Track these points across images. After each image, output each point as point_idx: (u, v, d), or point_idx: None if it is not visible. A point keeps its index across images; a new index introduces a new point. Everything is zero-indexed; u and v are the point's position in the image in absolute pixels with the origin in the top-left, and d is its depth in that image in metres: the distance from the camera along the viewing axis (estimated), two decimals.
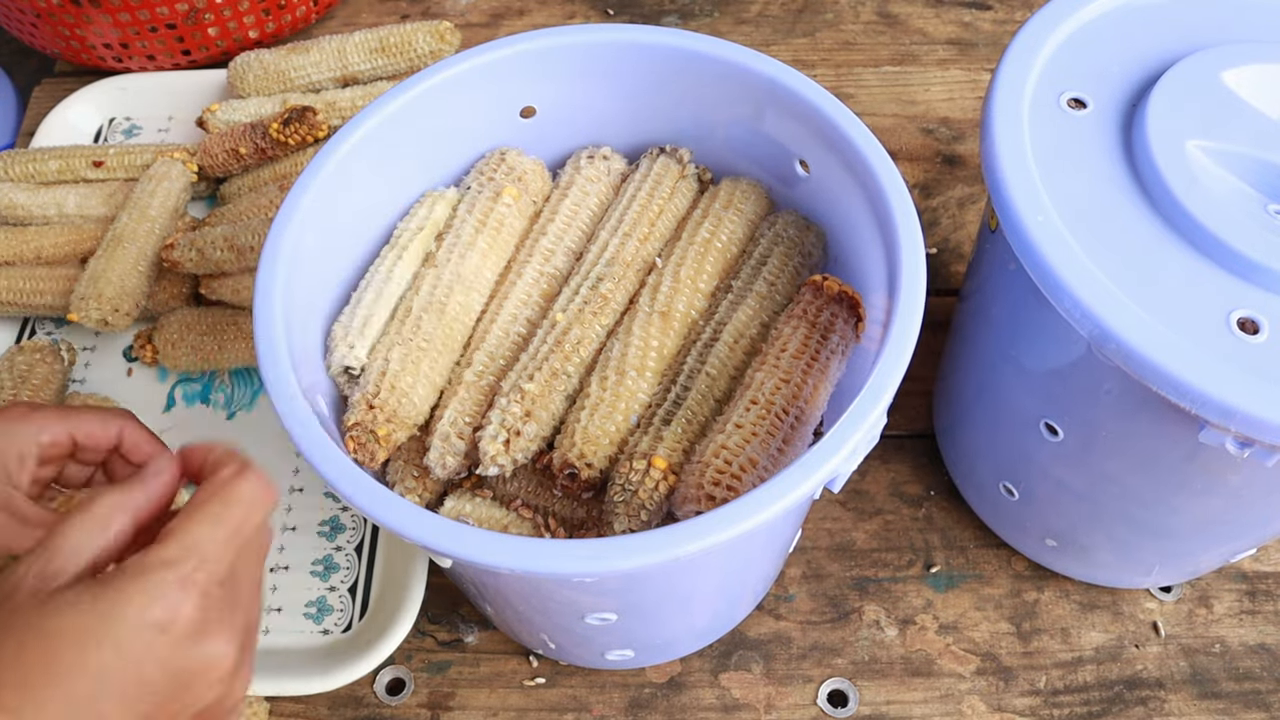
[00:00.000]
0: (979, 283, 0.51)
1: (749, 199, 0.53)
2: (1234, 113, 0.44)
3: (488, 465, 0.45)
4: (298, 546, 0.60)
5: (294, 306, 0.44)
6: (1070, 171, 0.43)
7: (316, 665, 0.54)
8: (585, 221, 0.54)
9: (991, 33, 0.86)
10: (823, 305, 0.47)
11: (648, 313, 0.49)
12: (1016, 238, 0.41)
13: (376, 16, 0.88)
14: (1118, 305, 0.38)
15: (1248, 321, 0.38)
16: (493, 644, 0.58)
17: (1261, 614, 0.58)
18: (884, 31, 0.86)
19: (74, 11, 0.75)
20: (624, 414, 0.46)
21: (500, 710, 0.56)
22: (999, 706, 0.55)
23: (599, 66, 0.52)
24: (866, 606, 0.58)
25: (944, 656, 0.57)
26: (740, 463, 0.42)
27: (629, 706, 0.55)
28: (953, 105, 0.81)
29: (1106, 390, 0.43)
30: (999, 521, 0.59)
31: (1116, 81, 0.46)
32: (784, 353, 0.46)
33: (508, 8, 0.89)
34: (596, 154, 0.55)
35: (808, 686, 0.56)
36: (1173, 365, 0.37)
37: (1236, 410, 0.36)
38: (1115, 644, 0.57)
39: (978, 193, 0.76)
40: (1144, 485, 0.47)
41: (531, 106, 0.54)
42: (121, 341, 0.69)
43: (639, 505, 0.43)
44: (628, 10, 0.89)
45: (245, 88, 0.75)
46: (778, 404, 0.44)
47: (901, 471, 0.63)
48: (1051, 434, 0.48)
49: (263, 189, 0.70)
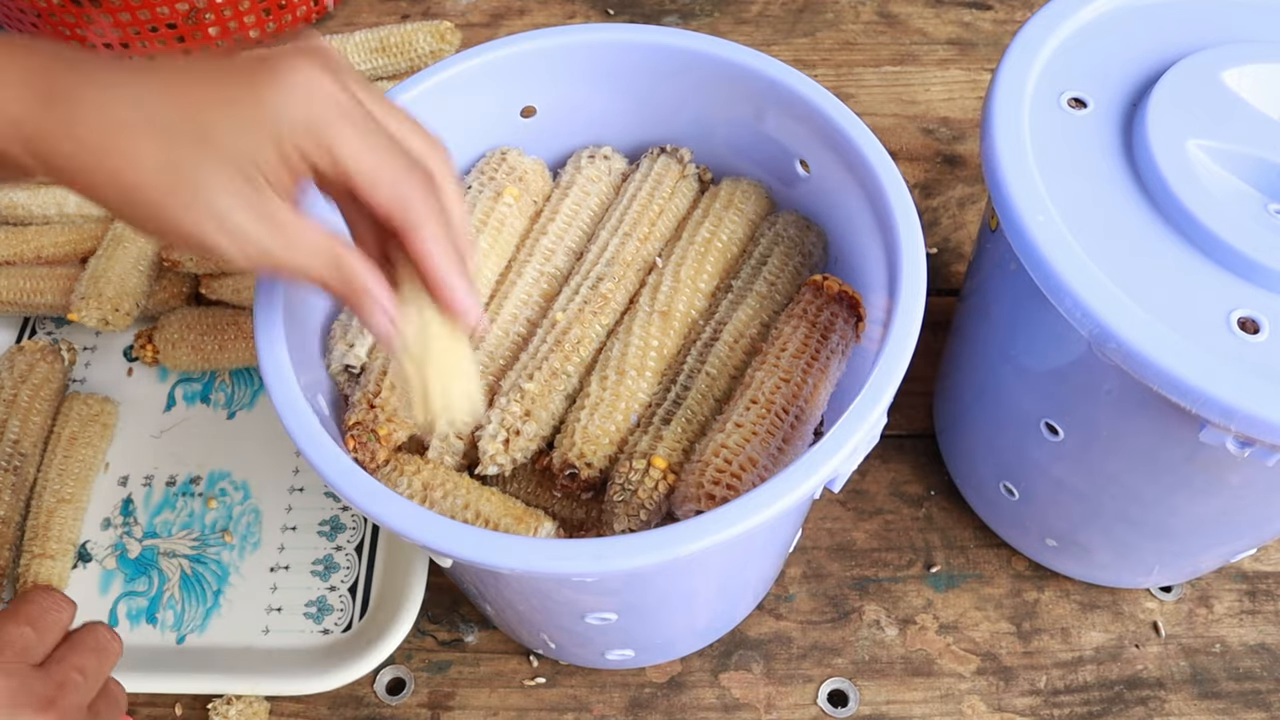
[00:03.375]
0: (979, 283, 0.51)
1: (749, 199, 0.53)
2: (1234, 112, 0.44)
3: (487, 465, 0.45)
4: (298, 546, 0.60)
5: (294, 306, 0.44)
6: (1070, 171, 0.43)
7: (316, 665, 0.54)
8: (586, 221, 0.54)
9: (991, 33, 0.86)
10: (823, 305, 0.47)
11: (648, 312, 0.49)
12: (1017, 238, 0.41)
13: (376, 16, 0.88)
14: (1118, 305, 0.38)
15: (1248, 321, 0.38)
16: (493, 644, 0.58)
17: (1261, 614, 0.58)
18: (884, 31, 0.86)
19: (74, 11, 0.75)
20: (624, 413, 0.46)
21: (500, 710, 0.56)
22: (999, 706, 0.55)
23: (599, 66, 0.52)
24: (867, 606, 0.58)
25: (944, 656, 0.57)
26: (740, 462, 0.42)
27: (629, 706, 0.55)
28: (953, 105, 0.81)
29: (1107, 390, 0.43)
30: (999, 521, 0.59)
31: (1117, 81, 0.46)
32: (784, 352, 0.46)
33: (508, 8, 0.89)
34: (597, 154, 0.55)
35: (808, 686, 0.56)
36: (1173, 365, 0.37)
37: (1237, 410, 0.36)
38: (1115, 644, 0.57)
39: (978, 193, 0.76)
40: (1144, 485, 0.47)
41: (532, 106, 0.54)
42: (121, 341, 0.69)
43: (639, 505, 0.43)
44: (628, 10, 0.89)
45: None
46: (778, 403, 0.44)
47: (902, 471, 0.63)
48: (1052, 434, 0.48)
49: None
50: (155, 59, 0.35)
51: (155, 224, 0.34)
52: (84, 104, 0.33)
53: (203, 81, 0.34)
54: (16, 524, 0.59)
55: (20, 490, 0.60)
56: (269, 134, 0.34)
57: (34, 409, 0.62)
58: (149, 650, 0.57)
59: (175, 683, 0.54)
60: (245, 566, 0.60)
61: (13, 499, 0.59)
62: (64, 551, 0.58)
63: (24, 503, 0.60)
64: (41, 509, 0.59)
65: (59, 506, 0.59)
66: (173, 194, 0.33)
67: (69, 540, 0.59)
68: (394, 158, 0.35)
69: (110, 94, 0.34)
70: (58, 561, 0.58)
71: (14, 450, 0.60)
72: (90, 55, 0.35)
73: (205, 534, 0.61)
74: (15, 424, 0.61)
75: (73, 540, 0.60)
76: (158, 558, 0.60)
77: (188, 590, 0.59)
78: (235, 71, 0.34)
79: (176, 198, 0.33)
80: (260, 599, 0.59)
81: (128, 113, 0.33)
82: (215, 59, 0.35)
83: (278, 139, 0.34)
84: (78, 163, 0.33)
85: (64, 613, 0.42)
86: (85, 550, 0.61)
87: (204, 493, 0.62)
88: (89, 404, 0.63)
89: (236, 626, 0.58)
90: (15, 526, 0.59)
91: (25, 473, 0.60)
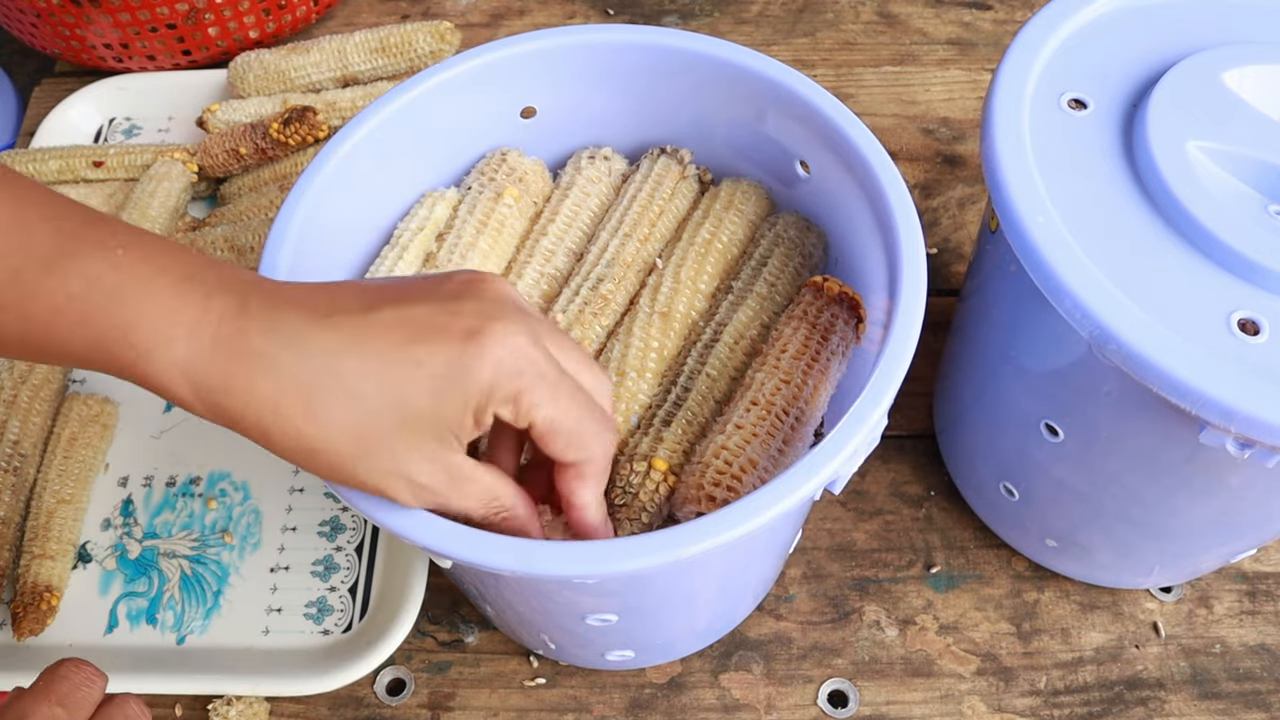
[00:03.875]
0: (979, 283, 0.51)
1: (749, 200, 0.53)
2: (1234, 113, 0.44)
3: None
4: (298, 546, 0.60)
5: None
6: (1070, 172, 0.43)
7: (316, 665, 0.54)
8: (586, 222, 0.54)
9: (991, 33, 0.86)
10: (823, 306, 0.47)
11: (648, 313, 0.49)
12: (1017, 238, 0.41)
13: (376, 16, 0.88)
14: (1118, 306, 0.38)
15: (1248, 322, 0.38)
16: (493, 644, 0.58)
17: (1262, 614, 0.58)
18: (884, 31, 0.86)
19: (74, 11, 0.75)
20: (624, 415, 0.46)
21: (500, 710, 0.56)
22: (999, 707, 0.55)
23: (599, 66, 0.52)
24: (867, 607, 0.58)
25: (944, 657, 0.57)
26: (741, 463, 0.42)
27: (629, 707, 0.55)
28: (953, 105, 0.81)
29: (1107, 391, 0.43)
30: (999, 522, 0.59)
31: (1117, 81, 0.46)
32: (784, 353, 0.46)
33: (508, 8, 0.89)
34: (597, 154, 0.55)
35: (808, 687, 0.56)
36: (1173, 366, 0.37)
37: (1237, 411, 0.36)
38: (1115, 644, 0.57)
39: (978, 193, 0.76)
40: (1144, 486, 0.47)
41: (532, 107, 0.54)
42: None
43: (639, 507, 0.43)
44: (628, 10, 0.89)
45: (245, 88, 0.75)
46: (778, 405, 0.44)
47: (902, 472, 0.63)
48: (1052, 434, 0.48)
49: (263, 189, 0.70)
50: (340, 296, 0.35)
51: (332, 475, 0.35)
52: (269, 361, 0.33)
53: (403, 346, 0.34)
54: (16, 524, 0.59)
55: (20, 491, 0.60)
56: (472, 405, 0.34)
57: (34, 409, 0.62)
58: (149, 651, 0.57)
59: (175, 683, 0.54)
60: (245, 567, 0.60)
61: (13, 499, 0.59)
62: (64, 552, 0.58)
63: (24, 503, 0.60)
64: (41, 509, 0.59)
65: (59, 507, 0.59)
66: (363, 460, 0.34)
67: (69, 541, 0.59)
68: (575, 407, 0.36)
69: (299, 353, 0.33)
70: (58, 562, 0.58)
71: (14, 451, 0.60)
72: (275, 293, 0.34)
73: (205, 534, 0.61)
74: (15, 424, 0.61)
75: (73, 541, 0.60)
76: (158, 558, 0.60)
77: (188, 591, 0.59)
78: (439, 339, 0.34)
79: (366, 462, 0.34)
80: (260, 599, 0.59)
81: (320, 379, 0.33)
82: (410, 305, 0.35)
83: (480, 408, 0.34)
84: (254, 419, 0.33)
85: (95, 688, 0.40)
86: (85, 551, 0.61)
87: (204, 493, 0.62)
88: (89, 404, 0.63)
89: (236, 627, 0.58)
90: (15, 527, 0.59)
91: (25, 473, 0.60)
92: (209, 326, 0.33)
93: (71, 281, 0.32)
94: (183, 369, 0.33)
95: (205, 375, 0.33)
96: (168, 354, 0.32)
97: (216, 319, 0.33)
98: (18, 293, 0.32)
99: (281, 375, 0.33)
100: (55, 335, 0.33)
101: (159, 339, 0.32)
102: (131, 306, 0.32)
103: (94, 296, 0.32)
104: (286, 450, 0.34)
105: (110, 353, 0.33)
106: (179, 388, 0.33)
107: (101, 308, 0.32)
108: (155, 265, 0.33)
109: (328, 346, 0.34)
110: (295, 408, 0.33)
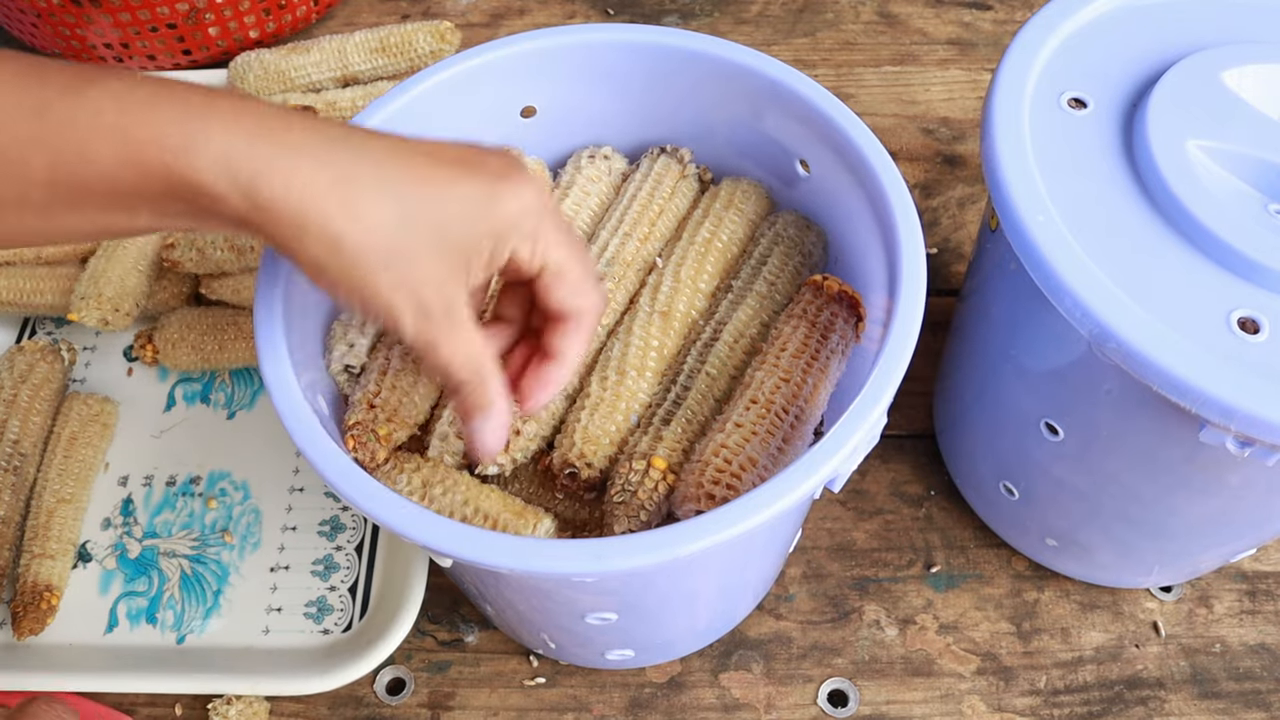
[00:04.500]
0: (979, 283, 0.51)
1: (749, 199, 0.53)
2: (1234, 113, 0.44)
3: (487, 464, 0.45)
4: (298, 546, 0.60)
5: (294, 305, 0.44)
6: (1070, 171, 0.43)
7: (316, 665, 0.54)
8: (586, 221, 0.54)
9: (991, 33, 0.86)
10: (823, 305, 0.47)
11: (648, 312, 0.49)
12: (1017, 238, 0.41)
13: (377, 16, 0.88)
14: (1118, 305, 0.38)
15: (1248, 321, 0.38)
16: (493, 644, 0.58)
17: (1261, 614, 0.58)
18: (884, 31, 0.86)
19: (74, 11, 0.75)
20: (624, 414, 0.46)
21: (500, 710, 0.56)
22: (999, 706, 0.55)
23: (599, 66, 0.52)
24: (867, 606, 0.58)
25: (944, 656, 0.57)
26: (740, 461, 0.42)
27: (629, 706, 0.55)
28: (953, 105, 0.81)
29: (1107, 390, 0.43)
30: (999, 521, 0.59)
31: (1116, 81, 0.46)
32: (784, 352, 0.46)
33: (508, 8, 0.89)
34: (597, 154, 0.55)
35: (808, 686, 0.56)
36: (1173, 365, 0.37)
37: (1236, 410, 0.36)
38: (1115, 644, 0.57)
39: (978, 193, 0.76)
40: (1144, 484, 0.47)
41: (532, 106, 0.54)
42: (121, 341, 0.69)
43: (639, 505, 0.43)
44: (628, 10, 0.89)
45: (246, 87, 0.75)
46: (778, 403, 0.44)
47: (901, 471, 0.63)
48: (1051, 434, 0.48)
49: None
50: (380, 137, 0.36)
51: (347, 279, 0.34)
52: (312, 151, 0.33)
53: (446, 166, 0.35)
54: (16, 524, 0.59)
55: (20, 490, 0.60)
56: (497, 234, 0.36)
57: (34, 409, 0.62)
58: (149, 650, 0.57)
59: (175, 683, 0.54)
60: (245, 566, 0.60)
61: (13, 499, 0.59)
62: (64, 551, 0.58)
63: (24, 503, 0.60)
64: (41, 509, 0.59)
65: (59, 506, 0.59)
66: (388, 269, 0.34)
67: (69, 540, 0.59)
68: (584, 256, 0.40)
69: (345, 148, 0.33)
70: (58, 561, 0.58)
71: (14, 450, 0.60)
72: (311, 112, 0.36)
73: (205, 534, 0.61)
74: (15, 424, 0.61)
75: (73, 540, 0.60)
76: (158, 558, 0.60)
77: (188, 590, 0.59)
78: (475, 170, 0.36)
79: (389, 273, 0.34)
80: (260, 599, 0.59)
81: (366, 173, 0.33)
82: (448, 146, 0.37)
83: (501, 238, 0.36)
84: (294, 204, 0.32)
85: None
86: (85, 550, 0.61)
87: (204, 493, 0.62)
88: (89, 404, 0.64)
89: (236, 626, 0.58)
90: (15, 526, 0.59)
91: (25, 473, 0.60)
92: (248, 120, 0.32)
93: (103, 100, 0.32)
94: (220, 158, 0.32)
95: (246, 160, 0.32)
96: (205, 148, 0.32)
97: (255, 117, 0.33)
98: (44, 126, 0.31)
99: (326, 163, 0.33)
100: (85, 159, 0.32)
101: (196, 135, 0.32)
102: (164, 111, 0.32)
103: (126, 109, 0.32)
104: (317, 248, 0.33)
105: (143, 164, 0.32)
106: (216, 180, 0.32)
107: (135, 117, 0.32)
108: (184, 85, 0.33)
109: (373, 151, 0.34)
110: (334, 199, 0.33)
